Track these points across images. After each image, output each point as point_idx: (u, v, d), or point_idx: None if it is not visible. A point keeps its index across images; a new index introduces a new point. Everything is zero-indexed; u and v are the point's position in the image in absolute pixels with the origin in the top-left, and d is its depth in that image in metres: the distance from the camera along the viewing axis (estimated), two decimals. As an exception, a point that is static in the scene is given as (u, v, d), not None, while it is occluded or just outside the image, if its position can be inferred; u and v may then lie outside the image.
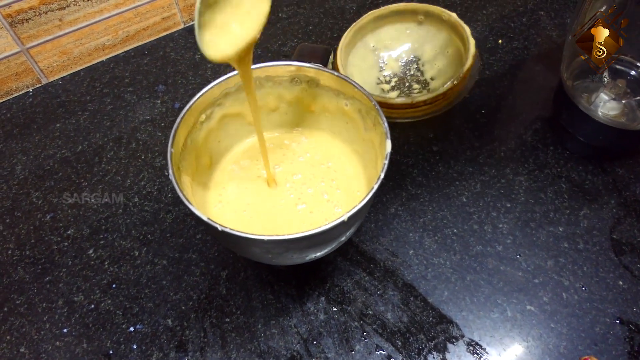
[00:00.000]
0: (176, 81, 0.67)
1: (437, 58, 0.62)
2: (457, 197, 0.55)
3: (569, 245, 0.51)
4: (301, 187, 0.47)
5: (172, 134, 0.41)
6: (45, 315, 0.49)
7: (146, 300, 0.49)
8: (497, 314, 0.47)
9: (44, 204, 0.56)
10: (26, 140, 0.61)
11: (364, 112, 0.45)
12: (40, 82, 0.66)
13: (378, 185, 0.38)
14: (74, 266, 0.52)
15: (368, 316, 0.48)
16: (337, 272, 0.50)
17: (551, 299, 0.48)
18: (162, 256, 0.52)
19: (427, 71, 0.63)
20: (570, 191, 0.55)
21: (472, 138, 0.60)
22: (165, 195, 0.56)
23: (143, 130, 0.62)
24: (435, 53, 0.62)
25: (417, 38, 0.63)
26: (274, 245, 0.37)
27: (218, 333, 0.47)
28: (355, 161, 0.49)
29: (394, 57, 0.64)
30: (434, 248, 0.52)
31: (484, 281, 0.49)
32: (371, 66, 0.63)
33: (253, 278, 0.50)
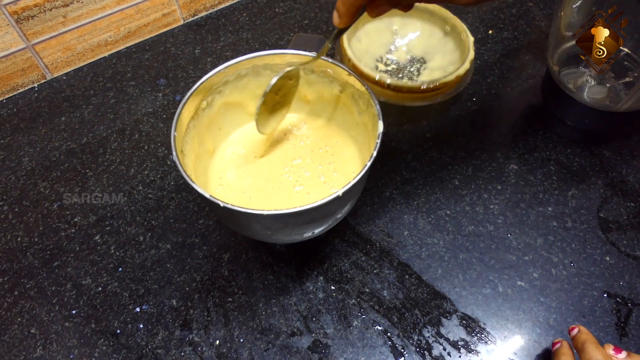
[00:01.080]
0: (177, 75, 0.69)
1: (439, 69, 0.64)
2: (450, 180, 0.57)
3: (557, 224, 0.53)
4: (299, 170, 0.49)
5: (175, 118, 0.43)
6: (55, 298, 0.50)
7: (151, 283, 0.51)
8: (489, 290, 0.49)
9: (51, 194, 0.58)
10: (33, 133, 0.63)
11: (356, 96, 0.47)
12: (45, 77, 0.68)
13: (371, 162, 0.40)
14: (82, 251, 0.53)
15: (365, 294, 0.49)
16: (335, 253, 0.52)
17: (541, 274, 0.50)
18: (166, 241, 0.54)
19: (424, 75, 0.64)
20: (558, 173, 0.57)
21: (465, 125, 0.62)
22: (168, 183, 0.58)
23: (145, 122, 0.64)
24: (441, 64, 0.64)
25: (434, 44, 0.65)
26: (272, 220, 0.39)
27: (221, 312, 0.49)
28: (351, 145, 0.51)
29: (404, 49, 0.66)
30: (427, 229, 0.53)
31: (476, 259, 0.51)
32: (382, 44, 0.65)
33: (254, 260, 0.52)
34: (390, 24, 0.66)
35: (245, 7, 0.77)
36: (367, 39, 0.64)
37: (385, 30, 0.66)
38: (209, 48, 0.72)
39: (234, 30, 0.74)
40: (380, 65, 0.64)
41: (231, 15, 0.76)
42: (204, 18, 0.76)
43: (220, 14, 0.76)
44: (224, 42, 0.72)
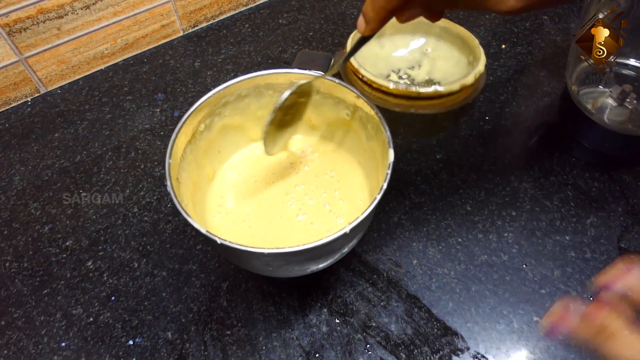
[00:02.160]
0: (175, 89, 0.66)
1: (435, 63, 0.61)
2: (461, 205, 0.54)
3: (575, 254, 0.50)
4: (303, 197, 0.47)
5: (170, 145, 0.40)
6: (44, 328, 0.48)
7: (145, 313, 0.48)
8: (503, 326, 0.46)
9: (43, 215, 0.55)
10: (24, 150, 0.61)
11: (365, 119, 0.45)
12: (38, 91, 0.66)
13: (381, 195, 0.37)
14: (73, 278, 0.51)
15: (371, 328, 0.47)
16: (340, 283, 0.49)
17: (559, 309, 0.47)
18: (162, 267, 0.51)
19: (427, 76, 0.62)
20: (576, 199, 0.54)
21: (476, 145, 0.59)
22: (165, 205, 0.55)
23: (142, 139, 0.61)
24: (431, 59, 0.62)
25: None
26: (273, 258, 0.36)
27: (219, 346, 0.46)
28: (359, 171, 0.48)
29: (426, 69, 0.64)
30: (438, 258, 0.51)
31: (489, 292, 0.48)
32: (406, 59, 0.63)
33: (254, 290, 0.49)
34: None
35: (248, 18, 0.74)
36: (391, 47, 0.61)
37: (417, 50, 0.63)
38: (210, 61, 0.69)
39: (235, 42, 0.71)
40: (393, 76, 0.62)
41: (233, 27, 0.73)
42: (204, 29, 0.73)
43: (222, 25, 0.74)
44: (225, 55, 0.70)
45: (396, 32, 0.63)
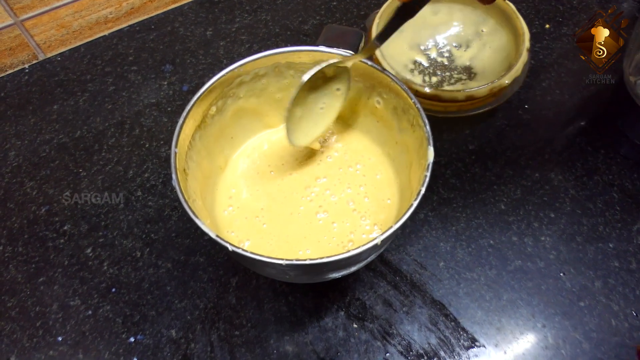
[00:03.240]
0: (185, 60, 0.61)
1: (483, 50, 0.55)
2: (495, 203, 0.50)
3: (619, 264, 0.46)
4: (324, 193, 0.42)
5: (177, 131, 0.35)
6: (39, 320, 0.45)
7: (148, 308, 0.45)
8: (537, 340, 0.43)
9: (39, 195, 0.51)
10: (21, 122, 0.56)
11: (399, 110, 0.39)
12: (36, 57, 0.61)
13: (417, 202, 0.32)
14: (71, 266, 0.47)
15: (392, 335, 0.43)
16: (359, 284, 0.46)
17: (598, 325, 0.43)
18: (167, 258, 0.47)
19: (469, 62, 0.56)
20: (622, 202, 0.49)
21: (513, 137, 0.54)
22: (171, 189, 0.51)
23: (148, 115, 0.56)
24: (481, 44, 0.56)
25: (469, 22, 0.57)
26: (292, 269, 0.32)
27: (226, 348, 0.43)
28: (387, 164, 0.43)
29: (438, 43, 0.58)
30: (467, 261, 0.47)
31: (522, 301, 0.44)
32: (410, 46, 0.57)
33: (266, 287, 0.46)
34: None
35: (265, -17, 0.68)
36: (446, 16, 0.56)
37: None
38: (222, 30, 0.63)
39: (251, 10, 0.66)
40: (432, 50, 0.56)
41: (248, -8, 0.67)
42: (217, -6, 0.67)
43: (237, -10, 0.68)
44: (239, 24, 0.64)
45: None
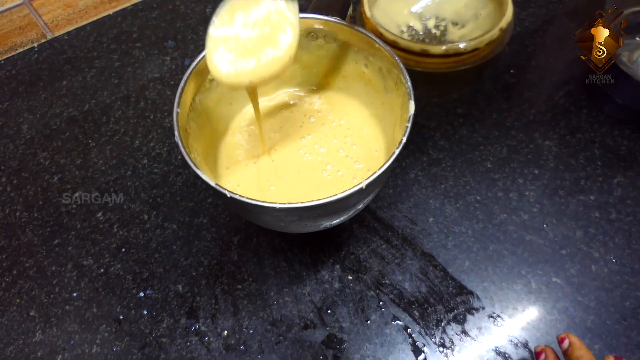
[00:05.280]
0: (186, 36, 0.63)
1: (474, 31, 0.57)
2: (482, 162, 0.52)
3: (600, 214, 0.48)
4: (313, 147, 0.45)
5: (179, 92, 0.38)
6: (55, 278, 0.48)
7: (156, 266, 0.48)
8: (521, 286, 0.45)
9: (52, 165, 0.54)
10: (32, 98, 0.59)
11: (384, 70, 0.42)
12: (45, 36, 0.64)
13: (400, 149, 0.35)
14: (83, 229, 0.50)
15: (384, 285, 0.46)
16: (353, 239, 0.48)
17: (579, 271, 0.46)
18: (172, 220, 0.50)
19: (452, 35, 0.58)
20: (603, 157, 0.51)
21: (500, 99, 0.56)
22: (175, 157, 0.54)
23: (152, 89, 0.59)
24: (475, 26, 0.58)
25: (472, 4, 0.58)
26: (286, 213, 0.34)
27: (229, 300, 0.46)
28: (374, 124, 0.46)
29: (439, 16, 0.60)
30: (455, 216, 0.49)
31: (507, 251, 0.47)
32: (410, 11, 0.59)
33: (266, 244, 0.48)
34: None
35: (261, -39, 0.70)
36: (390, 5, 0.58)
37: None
38: (221, 7, 0.66)
39: (248, -13, 0.68)
40: (403, 28, 0.58)
41: (246, -30, 0.69)
42: (216, -27, 0.69)
43: (234, -31, 0.70)
44: (237, 1, 0.66)
45: None
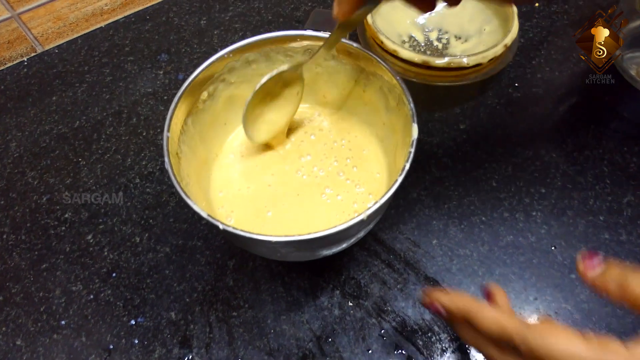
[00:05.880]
0: (180, 50, 0.61)
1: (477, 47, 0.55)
2: (486, 181, 0.50)
3: (610, 236, 0.46)
4: (312, 169, 0.43)
5: (169, 116, 0.36)
6: (42, 305, 0.46)
7: (148, 291, 0.46)
8: (529, 312, 0.43)
9: (40, 185, 0.52)
10: (21, 114, 0.57)
11: (385, 90, 0.40)
12: (35, 50, 0.62)
13: (402, 177, 0.33)
14: (72, 253, 0.48)
15: (386, 312, 0.44)
16: (353, 263, 0.46)
17: (589, 296, 0.44)
18: (165, 243, 0.48)
19: (453, 48, 0.56)
20: (612, 175, 0.50)
21: (504, 114, 0.54)
22: (168, 176, 0.52)
23: (144, 104, 0.57)
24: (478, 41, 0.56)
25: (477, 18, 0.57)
26: (282, 245, 0.33)
27: (224, 328, 0.44)
28: (375, 144, 0.44)
29: (442, 29, 0.58)
30: (459, 237, 0.47)
31: (514, 275, 0.45)
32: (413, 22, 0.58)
33: (262, 269, 0.46)
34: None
35: (257, -29, 0.69)
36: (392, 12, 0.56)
37: None
38: (216, 19, 0.64)
39: (244, -2, 0.66)
40: (404, 38, 0.57)
41: (241, -20, 0.68)
42: (211, -17, 0.68)
43: (229, -21, 0.68)
44: (232, 12, 0.65)
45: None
